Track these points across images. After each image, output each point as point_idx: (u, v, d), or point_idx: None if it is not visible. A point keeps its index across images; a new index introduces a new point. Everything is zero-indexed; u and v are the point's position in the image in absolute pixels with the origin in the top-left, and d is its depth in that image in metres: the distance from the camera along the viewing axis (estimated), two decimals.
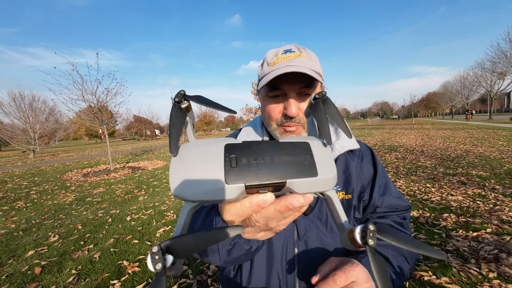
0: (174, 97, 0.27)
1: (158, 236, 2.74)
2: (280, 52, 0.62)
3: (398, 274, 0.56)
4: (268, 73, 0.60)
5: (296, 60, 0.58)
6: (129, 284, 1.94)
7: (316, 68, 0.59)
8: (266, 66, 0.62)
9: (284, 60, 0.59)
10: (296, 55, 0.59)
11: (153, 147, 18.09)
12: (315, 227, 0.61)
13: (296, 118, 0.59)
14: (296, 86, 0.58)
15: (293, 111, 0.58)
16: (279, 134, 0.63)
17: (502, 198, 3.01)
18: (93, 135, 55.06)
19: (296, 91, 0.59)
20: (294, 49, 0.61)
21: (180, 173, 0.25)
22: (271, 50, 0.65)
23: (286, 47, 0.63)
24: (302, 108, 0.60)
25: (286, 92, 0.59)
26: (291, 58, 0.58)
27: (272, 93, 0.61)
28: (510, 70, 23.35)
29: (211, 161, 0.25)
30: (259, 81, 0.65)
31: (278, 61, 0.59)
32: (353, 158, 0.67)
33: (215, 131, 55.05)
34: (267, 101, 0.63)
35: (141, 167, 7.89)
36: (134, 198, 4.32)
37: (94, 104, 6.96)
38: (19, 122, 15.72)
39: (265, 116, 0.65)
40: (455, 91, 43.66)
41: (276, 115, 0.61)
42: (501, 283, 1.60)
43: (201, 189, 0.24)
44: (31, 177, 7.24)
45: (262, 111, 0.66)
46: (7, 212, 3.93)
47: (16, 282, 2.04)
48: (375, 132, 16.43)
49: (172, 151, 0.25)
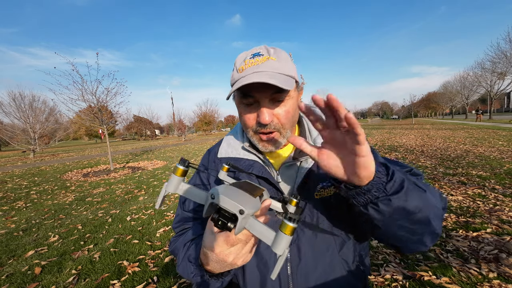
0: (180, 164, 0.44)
1: (158, 236, 2.74)
2: (248, 56, 0.59)
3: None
4: (237, 80, 0.57)
5: (264, 65, 0.56)
6: (129, 284, 1.94)
7: (286, 70, 0.57)
8: (236, 72, 0.59)
9: (252, 66, 0.56)
10: (264, 59, 0.57)
11: (153, 147, 18.09)
12: (307, 230, 0.60)
13: (270, 124, 0.58)
14: (267, 93, 0.56)
15: (266, 119, 0.56)
16: (257, 141, 0.62)
17: (502, 198, 3.01)
18: (93, 135, 55.03)
19: (268, 98, 0.57)
20: (263, 52, 0.59)
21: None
22: (240, 54, 0.62)
23: (254, 50, 0.60)
24: (276, 113, 0.58)
25: (258, 100, 0.57)
26: (258, 64, 0.56)
27: (245, 101, 0.59)
28: (510, 70, 23.31)
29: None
30: (231, 87, 0.63)
31: (246, 67, 0.57)
32: None
33: (215, 131, 55.03)
34: (241, 109, 0.61)
35: (141, 167, 7.90)
36: (134, 198, 4.32)
37: (94, 104, 6.95)
38: (19, 122, 15.69)
39: (242, 124, 0.64)
40: (455, 91, 43.59)
41: (251, 122, 0.60)
42: (501, 283, 1.60)
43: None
44: (31, 177, 7.24)
45: (239, 118, 0.65)
46: (7, 212, 3.94)
47: (16, 282, 2.04)
48: (375, 132, 16.44)
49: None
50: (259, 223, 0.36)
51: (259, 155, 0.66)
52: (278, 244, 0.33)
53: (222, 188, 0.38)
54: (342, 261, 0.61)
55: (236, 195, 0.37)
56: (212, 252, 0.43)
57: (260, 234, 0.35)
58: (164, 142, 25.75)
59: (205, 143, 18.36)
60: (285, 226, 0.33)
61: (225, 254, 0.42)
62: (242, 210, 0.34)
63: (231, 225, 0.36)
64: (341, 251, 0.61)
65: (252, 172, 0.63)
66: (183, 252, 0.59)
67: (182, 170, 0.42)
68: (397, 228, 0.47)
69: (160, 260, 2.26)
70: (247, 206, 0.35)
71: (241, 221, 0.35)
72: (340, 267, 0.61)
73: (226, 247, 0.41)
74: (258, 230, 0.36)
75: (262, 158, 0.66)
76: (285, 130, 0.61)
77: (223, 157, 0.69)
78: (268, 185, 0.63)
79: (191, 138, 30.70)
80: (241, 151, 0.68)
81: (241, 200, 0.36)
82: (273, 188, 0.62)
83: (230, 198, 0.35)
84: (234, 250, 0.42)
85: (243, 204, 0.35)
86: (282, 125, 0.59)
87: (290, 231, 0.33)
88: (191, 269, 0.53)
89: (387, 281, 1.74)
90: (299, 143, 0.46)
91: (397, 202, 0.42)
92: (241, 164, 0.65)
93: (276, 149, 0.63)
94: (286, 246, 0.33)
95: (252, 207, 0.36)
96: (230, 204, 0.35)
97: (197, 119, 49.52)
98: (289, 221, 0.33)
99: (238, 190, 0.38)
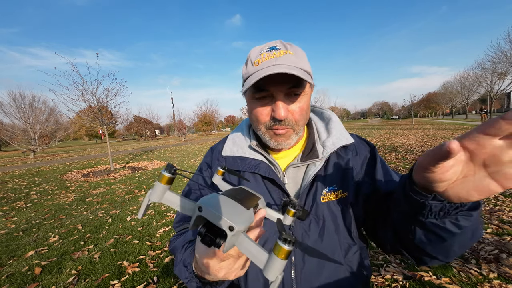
0: (166, 171, 0.36)
1: (158, 236, 2.74)
2: (264, 49, 0.57)
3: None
4: (252, 74, 0.55)
5: (282, 58, 0.54)
6: (129, 284, 1.94)
7: (304, 66, 0.55)
8: (251, 66, 0.57)
9: (269, 58, 0.54)
10: (282, 52, 0.55)
11: (153, 147, 18.10)
12: (312, 232, 0.59)
13: (285, 120, 0.56)
14: (283, 87, 0.54)
15: (282, 114, 0.54)
16: (269, 137, 0.60)
17: (502, 198, 3.01)
18: (93, 135, 55.05)
19: (284, 92, 0.55)
20: (280, 46, 0.57)
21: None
22: (255, 48, 0.60)
23: (270, 43, 0.59)
24: (291, 109, 0.56)
25: (273, 94, 0.55)
26: (276, 57, 0.54)
27: (258, 95, 0.56)
28: (510, 70, 23.31)
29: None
30: (244, 82, 0.60)
31: (262, 60, 0.55)
32: (347, 153, 0.64)
33: (215, 131, 55.02)
34: (253, 104, 0.59)
35: (141, 167, 7.89)
36: (134, 198, 4.32)
37: (94, 104, 6.96)
38: (19, 122, 15.70)
39: (253, 119, 0.61)
40: (455, 91, 43.59)
41: (264, 118, 0.58)
42: (501, 283, 1.60)
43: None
44: (31, 177, 7.24)
45: (249, 113, 0.63)
46: (7, 212, 3.93)
47: (16, 282, 2.04)
48: (375, 132, 16.44)
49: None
50: (250, 241, 0.31)
51: (266, 154, 0.64)
52: (270, 268, 0.28)
53: (211, 198, 0.34)
54: (347, 265, 0.60)
55: (227, 208, 0.32)
56: (203, 265, 0.42)
57: (251, 254, 0.31)
58: (164, 143, 25.76)
59: (205, 143, 18.36)
60: (279, 249, 0.28)
61: (215, 269, 0.40)
62: (232, 227, 0.30)
63: (220, 241, 0.32)
64: (347, 256, 0.60)
65: (258, 173, 0.61)
66: (180, 254, 0.58)
67: (168, 178, 0.36)
68: (458, 243, 0.45)
69: (160, 260, 2.26)
70: (238, 222, 0.31)
71: (230, 238, 0.31)
72: (344, 271, 0.60)
73: (217, 261, 0.39)
74: (249, 250, 0.31)
75: (268, 158, 0.64)
76: (299, 128, 0.59)
77: (228, 155, 0.67)
78: (274, 186, 0.61)
79: (191, 138, 30.71)
80: (247, 150, 0.65)
81: (232, 214, 0.32)
82: (279, 190, 0.61)
83: (219, 212, 0.31)
84: (225, 265, 0.40)
85: (234, 219, 0.31)
86: (296, 121, 0.57)
87: (285, 254, 0.28)
88: (186, 274, 0.52)
89: (387, 281, 1.74)
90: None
91: (475, 217, 0.41)
92: (247, 163, 0.63)
93: (287, 147, 0.62)
94: (280, 271, 0.28)
95: (243, 222, 0.32)
96: (219, 219, 0.31)
97: (197, 119, 49.55)
98: (284, 243, 0.28)
99: (230, 201, 0.34)
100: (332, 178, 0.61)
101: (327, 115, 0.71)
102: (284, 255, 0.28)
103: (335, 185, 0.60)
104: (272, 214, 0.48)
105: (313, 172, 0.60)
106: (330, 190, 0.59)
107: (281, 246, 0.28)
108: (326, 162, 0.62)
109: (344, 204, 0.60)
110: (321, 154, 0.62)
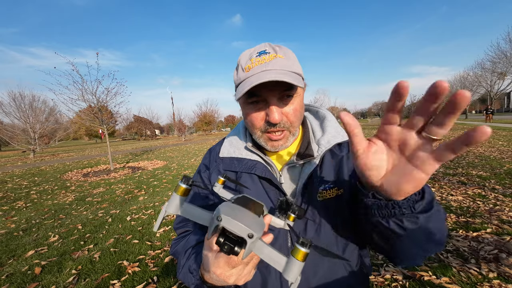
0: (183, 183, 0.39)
1: (158, 236, 2.74)
2: (254, 54, 0.57)
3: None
4: (244, 80, 0.56)
5: (272, 63, 0.54)
6: (129, 284, 1.94)
7: (294, 68, 0.56)
8: (241, 72, 0.58)
9: (259, 64, 0.55)
10: (271, 56, 0.55)
11: (153, 147, 18.10)
12: (309, 230, 0.59)
13: (280, 123, 0.57)
14: (275, 92, 0.55)
15: (276, 118, 0.55)
16: (265, 141, 0.61)
17: (502, 198, 3.01)
18: (93, 135, 54.99)
19: (277, 97, 0.55)
20: (269, 50, 0.57)
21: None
22: (244, 52, 0.60)
23: (259, 47, 0.59)
24: (285, 112, 0.57)
25: (266, 99, 0.56)
26: (266, 61, 0.55)
27: (251, 100, 0.57)
28: (510, 70, 23.33)
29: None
30: (236, 87, 0.60)
31: (253, 66, 0.55)
32: (342, 150, 0.64)
33: (215, 131, 55.02)
34: (247, 109, 0.59)
35: (141, 167, 7.90)
36: (134, 198, 4.32)
37: (94, 104, 6.96)
38: (19, 122, 15.69)
39: (248, 124, 0.62)
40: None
41: (259, 122, 0.58)
42: (501, 283, 1.60)
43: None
44: (31, 177, 7.24)
45: (244, 118, 0.63)
46: (7, 212, 3.94)
47: (16, 282, 2.04)
48: (375, 132, 16.40)
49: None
50: (267, 246, 0.34)
51: (262, 155, 0.65)
52: (291, 270, 0.31)
53: (225, 207, 0.35)
54: (345, 263, 0.60)
55: (242, 216, 0.33)
56: (213, 273, 0.42)
57: (269, 259, 0.33)
58: (164, 142, 25.75)
59: (205, 143, 18.36)
60: (297, 252, 0.31)
61: (226, 276, 0.40)
62: (251, 234, 0.32)
63: (238, 249, 0.34)
64: (344, 254, 0.60)
65: (254, 173, 0.62)
66: (183, 259, 0.58)
67: (184, 189, 0.38)
68: (411, 245, 0.45)
69: (160, 260, 2.26)
70: (256, 229, 0.32)
71: (250, 245, 0.32)
72: (342, 269, 0.60)
73: (228, 268, 0.40)
74: (267, 255, 0.33)
75: (265, 158, 0.65)
76: (294, 129, 0.60)
77: (225, 156, 0.68)
78: (271, 186, 0.62)
79: (191, 138, 30.70)
80: (244, 151, 0.67)
81: (249, 221, 0.33)
82: (276, 189, 0.61)
83: (237, 220, 0.32)
84: (235, 272, 0.40)
85: (252, 227, 0.32)
86: (291, 123, 0.59)
87: (303, 256, 0.31)
88: (192, 280, 0.52)
89: (387, 281, 1.74)
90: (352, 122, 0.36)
91: (423, 221, 0.40)
92: (243, 164, 0.64)
93: (285, 148, 0.63)
94: (299, 273, 0.31)
95: (260, 229, 0.34)
96: (238, 227, 0.32)
97: (197, 119, 49.52)
98: (302, 246, 0.31)
99: (243, 210, 0.35)
100: (327, 176, 0.61)
101: (322, 114, 0.72)
102: (303, 257, 0.31)
103: (330, 183, 0.60)
104: (274, 220, 0.49)
105: (308, 170, 0.60)
106: (326, 188, 0.59)
107: (300, 249, 0.31)
108: (321, 160, 0.62)
109: (340, 201, 0.60)
110: (316, 152, 0.62)
